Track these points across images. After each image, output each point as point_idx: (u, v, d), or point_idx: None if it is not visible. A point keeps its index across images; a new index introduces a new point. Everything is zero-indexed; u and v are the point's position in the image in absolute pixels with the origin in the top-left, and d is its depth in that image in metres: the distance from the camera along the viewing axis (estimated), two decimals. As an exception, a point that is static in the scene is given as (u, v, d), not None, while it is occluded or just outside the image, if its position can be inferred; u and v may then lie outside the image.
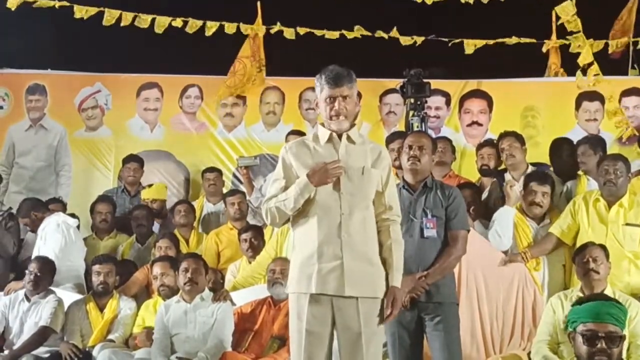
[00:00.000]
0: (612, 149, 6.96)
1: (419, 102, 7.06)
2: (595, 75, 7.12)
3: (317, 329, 3.81)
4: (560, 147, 6.56)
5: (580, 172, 6.21)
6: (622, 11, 8.60)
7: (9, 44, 8.08)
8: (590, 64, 7.12)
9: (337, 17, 8.84)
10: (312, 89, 8.01)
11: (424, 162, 4.66)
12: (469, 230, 4.76)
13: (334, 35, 8.33)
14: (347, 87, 3.87)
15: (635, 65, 8.43)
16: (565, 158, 6.40)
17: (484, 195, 6.49)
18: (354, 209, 3.83)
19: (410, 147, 4.68)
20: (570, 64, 8.16)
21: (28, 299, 6.04)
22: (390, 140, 6.36)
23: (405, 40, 8.36)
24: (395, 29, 8.38)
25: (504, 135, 6.43)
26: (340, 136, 3.92)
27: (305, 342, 3.81)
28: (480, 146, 6.87)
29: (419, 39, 8.36)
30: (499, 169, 6.56)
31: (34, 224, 6.87)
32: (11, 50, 8.26)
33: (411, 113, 6.99)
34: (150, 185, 7.66)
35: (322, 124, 3.99)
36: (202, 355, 5.31)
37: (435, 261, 4.54)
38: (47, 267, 6.13)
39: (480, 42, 8.30)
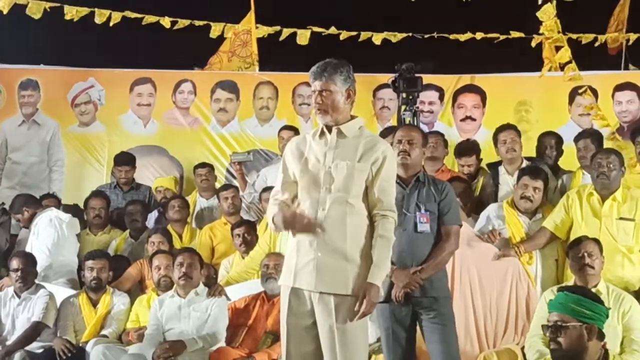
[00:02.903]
0: (606, 143, 6.95)
1: (410, 97, 7.04)
2: (572, 72, 7.15)
3: (296, 323, 3.80)
4: (542, 142, 6.62)
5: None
6: (617, 6, 8.60)
7: (1, 39, 8.05)
8: (567, 63, 7.15)
9: (330, 10, 8.83)
10: (306, 84, 8.01)
11: (414, 156, 4.66)
12: (461, 225, 4.76)
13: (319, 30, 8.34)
14: (324, 80, 3.82)
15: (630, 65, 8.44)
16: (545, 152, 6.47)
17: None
18: (332, 205, 3.76)
19: (400, 141, 4.68)
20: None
21: (18, 296, 6.02)
22: (383, 135, 6.31)
23: (390, 36, 8.37)
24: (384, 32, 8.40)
25: (504, 127, 6.38)
26: (331, 130, 3.88)
27: (286, 335, 3.82)
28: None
29: (401, 35, 8.36)
30: (493, 162, 6.56)
31: (26, 219, 6.85)
32: (3, 45, 8.22)
33: (403, 108, 6.98)
34: None
35: None
36: (195, 339, 5.36)
37: (428, 256, 4.54)
38: (30, 261, 6.10)
39: (465, 37, 8.32)
